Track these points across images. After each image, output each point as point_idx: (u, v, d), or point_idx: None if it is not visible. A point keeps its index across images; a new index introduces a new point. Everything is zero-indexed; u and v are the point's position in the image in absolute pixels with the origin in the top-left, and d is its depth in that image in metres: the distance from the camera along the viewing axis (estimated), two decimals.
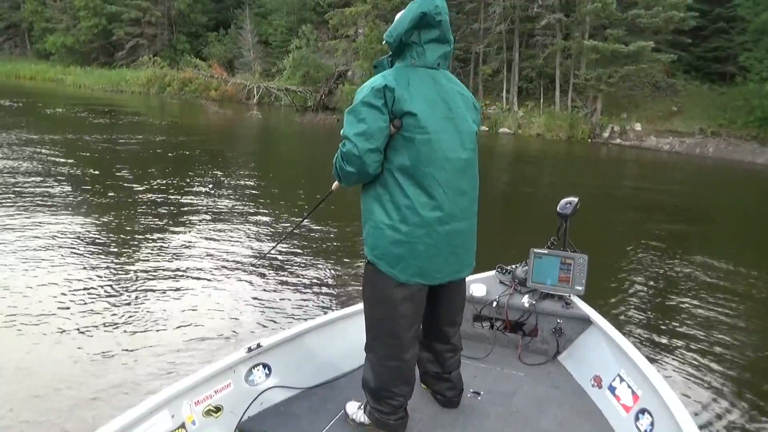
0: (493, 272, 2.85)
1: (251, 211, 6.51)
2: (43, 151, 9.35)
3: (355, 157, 1.66)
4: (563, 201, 2.64)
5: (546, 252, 2.62)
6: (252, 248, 5.08)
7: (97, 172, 8.05)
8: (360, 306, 2.42)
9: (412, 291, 1.80)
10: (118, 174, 8.08)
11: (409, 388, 1.92)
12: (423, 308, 1.90)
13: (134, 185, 7.33)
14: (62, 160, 8.72)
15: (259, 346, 2.09)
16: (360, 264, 4.66)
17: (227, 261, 4.68)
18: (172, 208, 6.38)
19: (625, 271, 5.20)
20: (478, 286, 2.65)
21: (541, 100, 19.82)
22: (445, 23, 1.73)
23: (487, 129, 18.80)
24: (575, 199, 2.63)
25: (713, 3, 18.82)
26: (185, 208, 6.40)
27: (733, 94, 17.20)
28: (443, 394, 2.15)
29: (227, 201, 6.94)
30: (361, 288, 1.98)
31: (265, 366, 2.14)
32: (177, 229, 5.60)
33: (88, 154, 9.37)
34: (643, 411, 1.97)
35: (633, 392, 2.07)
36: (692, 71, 19.69)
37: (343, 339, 2.35)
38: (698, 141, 16.49)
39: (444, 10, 1.71)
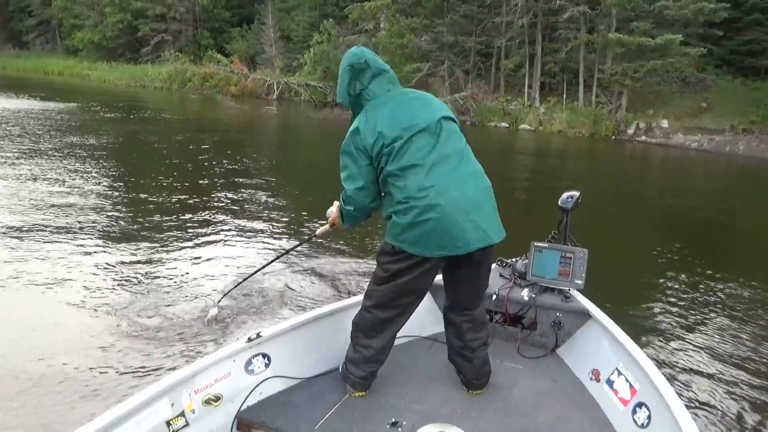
0: (493, 265, 2.83)
1: (250, 212, 6.53)
2: (46, 149, 9.38)
3: (348, 198, 1.99)
4: (564, 195, 2.63)
5: (546, 246, 2.60)
6: (254, 246, 5.14)
7: (98, 171, 8.04)
8: (358, 298, 2.45)
9: (411, 263, 1.94)
10: (122, 170, 8.22)
11: (382, 345, 2.09)
12: (421, 289, 2.05)
13: (136, 184, 7.38)
14: (65, 160, 8.73)
15: (258, 335, 2.11)
16: (360, 259, 4.67)
17: (231, 256, 4.72)
18: (175, 206, 6.45)
19: (626, 266, 5.13)
20: None
21: (564, 95, 19.45)
22: (372, 60, 2.00)
23: (508, 125, 18.55)
24: (576, 193, 2.62)
25: None
26: (190, 206, 6.49)
27: None
28: (462, 372, 2.20)
29: (224, 200, 7.02)
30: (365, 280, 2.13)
31: (264, 356, 2.16)
32: (179, 224, 5.70)
33: (87, 154, 9.31)
34: (640, 404, 1.96)
35: (631, 386, 2.06)
36: (724, 65, 19.01)
37: (343, 330, 2.35)
38: (728, 139, 15.98)
39: (366, 53, 2.00)
